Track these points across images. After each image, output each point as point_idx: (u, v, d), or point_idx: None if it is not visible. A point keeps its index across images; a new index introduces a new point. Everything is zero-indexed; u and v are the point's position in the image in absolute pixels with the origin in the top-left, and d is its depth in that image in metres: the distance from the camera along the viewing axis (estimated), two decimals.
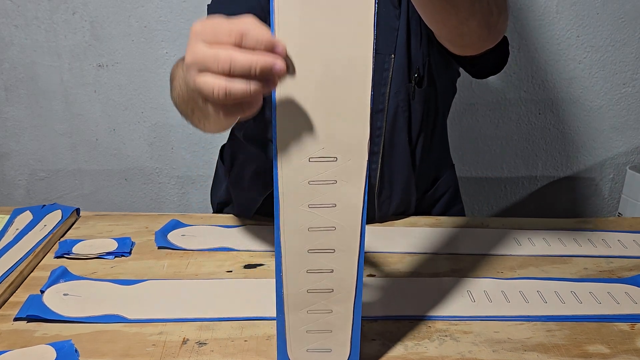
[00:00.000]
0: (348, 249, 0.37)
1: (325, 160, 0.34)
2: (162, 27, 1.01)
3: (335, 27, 0.32)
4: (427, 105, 0.66)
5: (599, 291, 0.54)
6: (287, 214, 0.36)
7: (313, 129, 0.34)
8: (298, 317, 0.39)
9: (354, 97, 0.33)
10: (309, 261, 0.37)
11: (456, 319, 0.49)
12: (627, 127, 1.10)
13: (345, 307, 0.39)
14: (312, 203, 0.35)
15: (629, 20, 1.02)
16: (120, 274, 0.56)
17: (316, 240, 0.37)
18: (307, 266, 0.37)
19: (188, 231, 0.65)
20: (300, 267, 0.37)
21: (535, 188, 1.14)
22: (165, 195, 1.14)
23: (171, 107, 1.11)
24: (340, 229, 0.36)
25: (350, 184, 0.35)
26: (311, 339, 0.40)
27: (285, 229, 0.36)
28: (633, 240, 0.65)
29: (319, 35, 0.32)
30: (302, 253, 0.37)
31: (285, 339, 0.40)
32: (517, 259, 0.61)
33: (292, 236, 0.36)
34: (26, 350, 0.43)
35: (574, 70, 1.05)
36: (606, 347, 0.46)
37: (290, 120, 0.34)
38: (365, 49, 0.32)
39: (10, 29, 1.01)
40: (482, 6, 0.47)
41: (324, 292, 0.38)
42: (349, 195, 0.35)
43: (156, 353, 0.44)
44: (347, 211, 0.36)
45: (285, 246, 0.37)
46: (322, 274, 0.38)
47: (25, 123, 1.08)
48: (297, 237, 0.36)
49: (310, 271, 0.37)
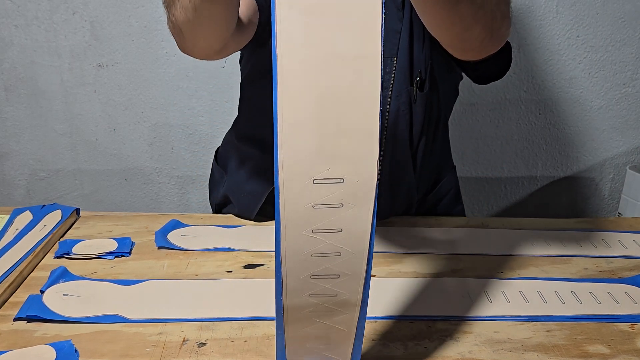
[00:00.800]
0: (354, 274, 0.35)
1: (330, 182, 0.32)
2: (162, 26, 1.01)
3: (341, 40, 0.30)
4: (429, 108, 0.65)
5: (599, 291, 0.54)
6: (289, 240, 0.33)
7: (317, 148, 0.31)
8: (297, 334, 0.38)
9: (361, 113, 0.31)
10: (310, 286, 0.35)
11: (456, 319, 0.49)
12: (627, 127, 1.10)
13: (347, 325, 0.37)
14: (316, 228, 0.33)
15: (629, 20, 1.02)
16: (120, 274, 0.56)
17: (320, 266, 0.34)
18: (309, 291, 0.35)
19: (188, 231, 0.65)
20: (302, 292, 0.35)
21: (535, 188, 1.14)
22: (165, 195, 1.14)
23: (171, 107, 1.12)
24: (346, 254, 0.34)
25: (357, 207, 0.32)
26: (311, 351, 0.39)
27: (287, 255, 0.34)
28: (633, 240, 0.65)
29: (323, 48, 0.30)
30: (304, 279, 0.35)
31: (285, 352, 0.39)
32: (517, 259, 0.60)
33: (293, 262, 0.34)
34: (26, 351, 0.43)
35: (574, 70, 1.05)
36: (606, 347, 0.46)
37: (292, 140, 0.31)
38: (372, 62, 0.30)
39: (10, 29, 1.01)
40: (486, 12, 0.47)
41: (326, 313, 0.37)
42: (357, 219, 0.33)
43: (156, 353, 0.44)
44: (354, 236, 0.33)
45: (287, 272, 0.34)
46: (325, 297, 0.36)
47: (25, 123, 1.08)
48: (300, 263, 0.34)
49: (312, 295, 0.35)
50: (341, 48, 0.30)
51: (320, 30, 0.30)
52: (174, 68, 1.04)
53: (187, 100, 1.06)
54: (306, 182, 0.32)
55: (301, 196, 0.32)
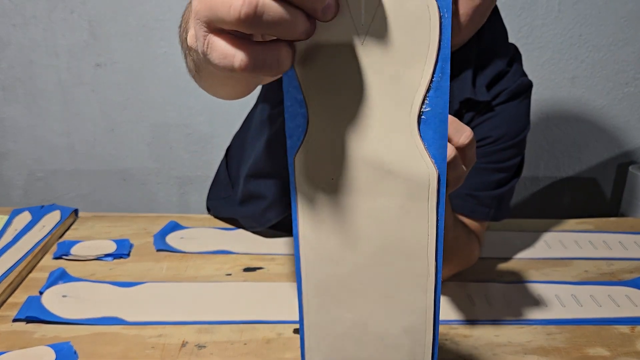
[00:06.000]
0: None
1: None
2: (161, 25, 1.01)
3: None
4: None
5: (599, 294, 0.54)
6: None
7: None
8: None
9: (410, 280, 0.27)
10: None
11: (456, 323, 0.49)
12: (630, 126, 1.09)
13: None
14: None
15: (632, 19, 1.01)
16: (119, 276, 0.55)
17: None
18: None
19: (187, 233, 0.65)
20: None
21: (537, 188, 1.14)
22: (164, 196, 1.13)
23: (170, 106, 1.11)
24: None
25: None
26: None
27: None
28: (634, 242, 0.65)
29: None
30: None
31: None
32: (518, 262, 0.60)
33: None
34: (25, 352, 0.43)
35: (576, 70, 1.05)
36: (606, 350, 0.46)
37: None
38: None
39: (7, 28, 1.01)
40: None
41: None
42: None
43: (155, 355, 0.44)
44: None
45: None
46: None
47: (22, 123, 1.07)
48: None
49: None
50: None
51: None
52: (172, 67, 1.03)
53: (186, 99, 1.06)
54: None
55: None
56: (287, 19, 0.21)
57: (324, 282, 0.28)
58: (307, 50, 0.23)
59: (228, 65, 0.22)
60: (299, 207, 0.27)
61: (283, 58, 0.22)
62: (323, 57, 0.24)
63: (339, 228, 0.27)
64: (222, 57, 0.22)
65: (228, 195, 0.70)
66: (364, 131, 0.24)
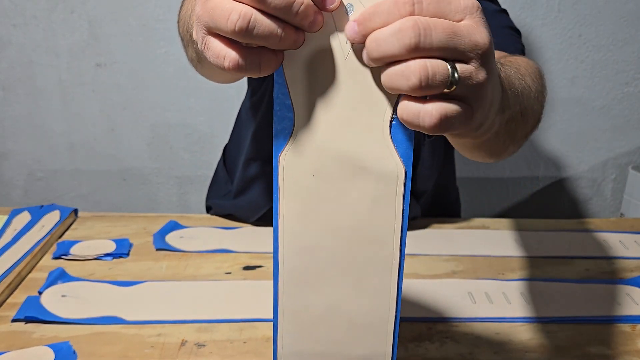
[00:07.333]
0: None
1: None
2: (161, 25, 1.01)
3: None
4: (435, 152, 0.66)
5: (600, 293, 0.54)
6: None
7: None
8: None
9: (377, 276, 0.30)
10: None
11: (457, 321, 0.49)
12: (630, 126, 1.09)
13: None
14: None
15: (631, 19, 1.01)
16: (119, 276, 0.55)
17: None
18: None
19: (186, 233, 0.65)
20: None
21: (537, 188, 1.14)
22: (164, 196, 1.13)
23: (170, 106, 1.11)
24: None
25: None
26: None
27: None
28: (634, 241, 0.65)
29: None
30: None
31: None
32: (519, 260, 0.60)
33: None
34: (24, 352, 0.43)
35: (575, 70, 1.05)
36: (607, 348, 0.46)
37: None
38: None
39: (8, 28, 1.01)
40: (526, 127, 0.45)
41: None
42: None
43: (155, 355, 0.44)
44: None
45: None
46: None
47: (23, 123, 1.07)
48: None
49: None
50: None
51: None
52: (172, 67, 1.03)
53: (186, 99, 1.06)
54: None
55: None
56: (276, 33, 0.24)
57: (299, 270, 0.31)
58: (296, 60, 0.27)
59: (219, 65, 0.25)
60: (280, 202, 0.29)
61: (266, 63, 0.26)
62: (310, 67, 0.27)
63: (316, 219, 0.29)
64: (215, 57, 0.25)
65: (227, 192, 0.71)
66: (342, 133, 0.28)
